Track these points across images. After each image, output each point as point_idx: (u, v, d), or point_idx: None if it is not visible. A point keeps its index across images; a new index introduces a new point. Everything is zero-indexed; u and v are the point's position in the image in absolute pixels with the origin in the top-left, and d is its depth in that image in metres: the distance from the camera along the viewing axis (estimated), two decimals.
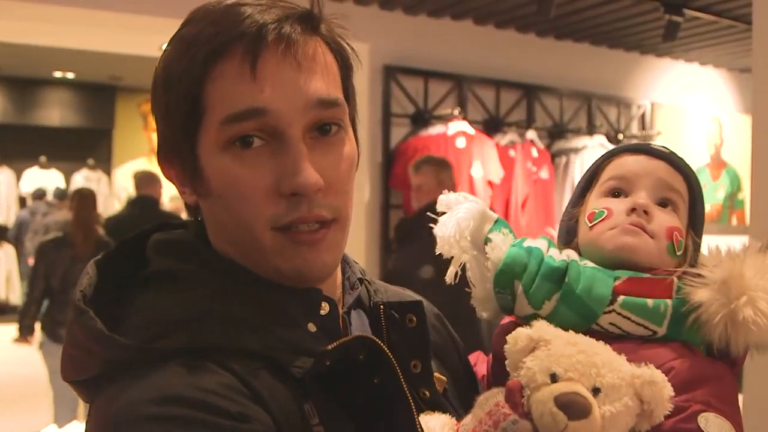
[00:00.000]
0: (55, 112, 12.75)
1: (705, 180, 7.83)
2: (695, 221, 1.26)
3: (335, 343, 0.90)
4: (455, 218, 1.19)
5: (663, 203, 1.23)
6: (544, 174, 6.26)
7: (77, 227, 5.20)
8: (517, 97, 6.57)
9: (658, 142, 4.85)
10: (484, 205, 1.22)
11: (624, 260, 1.17)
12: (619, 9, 5.93)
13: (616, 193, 1.24)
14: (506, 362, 1.05)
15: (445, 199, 1.21)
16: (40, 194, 11.70)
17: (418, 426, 0.95)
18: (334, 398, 0.91)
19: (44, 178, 12.27)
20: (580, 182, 1.33)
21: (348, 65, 1.01)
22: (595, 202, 1.26)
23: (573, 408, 0.92)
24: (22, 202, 12.09)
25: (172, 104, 0.93)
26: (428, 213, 1.23)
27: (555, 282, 1.12)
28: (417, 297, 1.16)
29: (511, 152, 6.11)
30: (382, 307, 1.07)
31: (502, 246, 1.16)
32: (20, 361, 7.68)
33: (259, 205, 0.91)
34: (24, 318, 5.36)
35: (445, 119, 5.89)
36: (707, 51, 7.34)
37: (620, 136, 6.97)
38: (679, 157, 1.27)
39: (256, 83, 0.89)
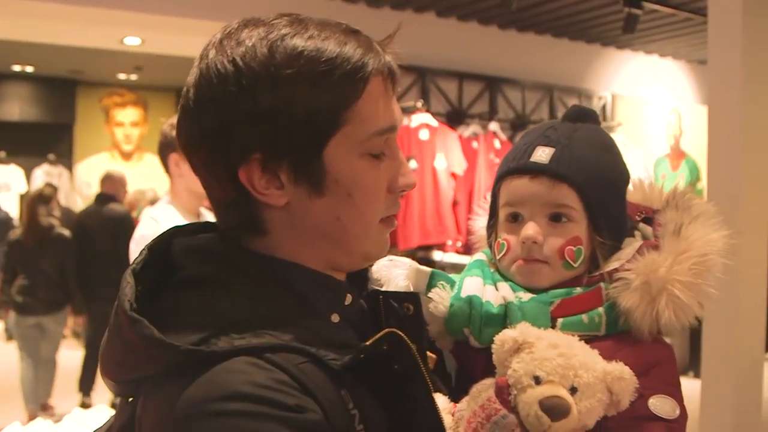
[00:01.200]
0: (15, 107, 12.57)
1: (665, 170, 7.94)
2: (597, 220, 1.27)
3: (373, 339, 1.00)
4: (394, 287, 1.29)
5: (556, 218, 1.27)
6: None
7: (24, 225, 6.49)
8: (479, 89, 6.61)
9: (616, 133, 4.90)
10: (415, 265, 1.33)
11: (536, 289, 1.27)
12: (579, 2, 6.00)
13: (514, 216, 1.30)
14: (493, 358, 1.15)
15: (376, 269, 1.29)
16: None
17: (437, 407, 1.07)
18: (362, 385, 1.00)
19: (4, 173, 12.10)
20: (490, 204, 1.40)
21: None
22: (500, 229, 1.33)
23: (555, 410, 1.06)
24: None
25: (302, 110, 0.99)
26: None
27: (499, 325, 1.22)
28: (427, 270, 1.33)
29: (474, 144, 6.15)
30: (381, 297, 1.17)
31: (443, 301, 1.27)
32: None
33: (381, 202, 1.07)
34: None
35: (408, 111, 5.91)
36: (666, 43, 7.44)
37: None
38: (564, 163, 1.26)
39: (394, 105, 1.07)
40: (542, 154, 1.28)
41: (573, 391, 1.09)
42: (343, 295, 1.09)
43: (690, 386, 6.55)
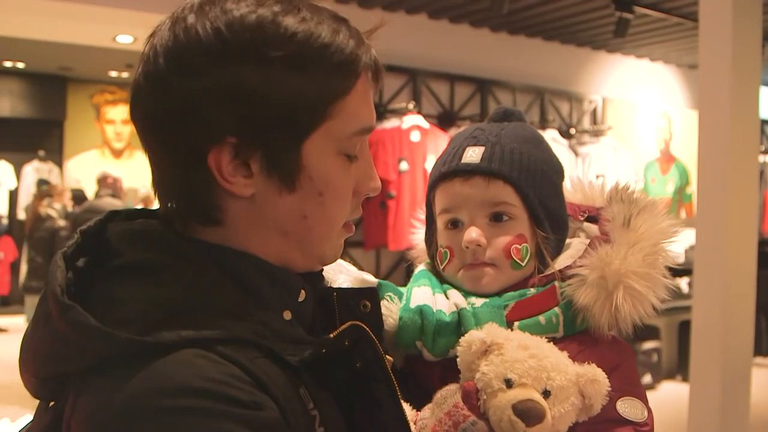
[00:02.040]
0: (5, 103, 12.50)
1: (655, 174, 7.96)
2: (538, 214, 1.24)
3: (335, 332, 0.95)
4: None
5: (497, 217, 1.24)
6: None
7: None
8: (470, 92, 6.62)
9: (606, 137, 4.90)
10: (361, 274, 1.25)
11: (487, 294, 1.23)
12: (571, 5, 6.01)
13: (453, 223, 1.27)
14: (458, 362, 1.11)
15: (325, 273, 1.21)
16: None
17: (402, 409, 1.00)
18: (321, 382, 0.94)
19: None
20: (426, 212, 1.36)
21: None
22: (440, 238, 1.30)
23: (530, 415, 1.02)
24: None
25: (287, 97, 0.92)
26: None
27: (453, 334, 1.18)
28: (373, 281, 1.25)
29: None
30: (335, 294, 1.10)
31: (391, 314, 1.22)
32: None
33: (348, 204, 1.03)
34: None
35: (400, 113, 5.93)
36: (657, 47, 7.47)
37: (572, 131, 7.06)
38: (495, 159, 1.24)
39: (372, 105, 1.03)
40: (473, 154, 1.25)
41: (546, 394, 1.05)
42: (297, 291, 1.01)
43: (678, 390, 6.57)
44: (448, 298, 1.24)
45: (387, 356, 1.09)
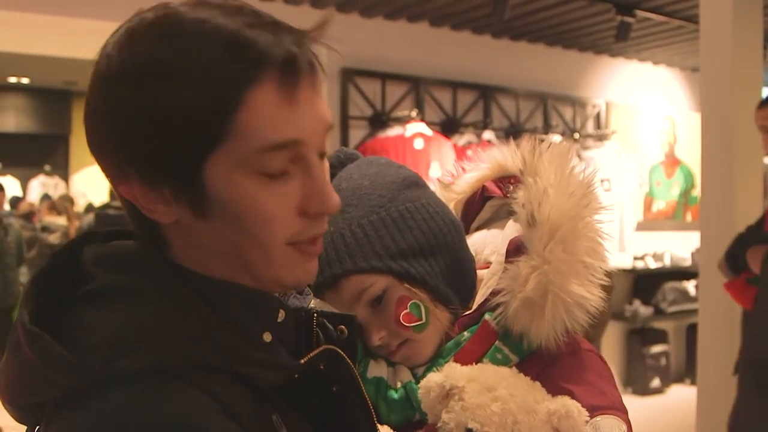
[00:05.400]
0: (11, 118, 12.56)
1: (660, 177, 7.96)
2: (400, 273, 1.16)
3: (308, 356, 0.91)
4: None
5: (377, 301, 1.17)
6: None
7: None
8: (473, 98, 6.62)
9: (610, 141, 4.89)
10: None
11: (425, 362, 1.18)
12: (572, 10, 6.02)
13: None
14: (421, 405, 1.08)
15: None
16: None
17: (378, 430, 0.97)
18: (294, 407, 0.91)
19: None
20: None
21: None
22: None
23: None
24: None
25: (179, 119, 0.83)
26: None
27: (407, 408, 1.14)
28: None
29: (469, 153, 6.14)
30: (315, 315, 1.05)
31: None
32: None
33: (283, 225, 0.89)
34: None
35: (403, 121, 5.93)
36: (659, 51, 7.47)
37: (576, 135, 7.06)
38: (333, 264, 1.17)
39: (296, 114, 0.86)
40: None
41: None
42: (275, 312, 0.95)
43: (687, 393, 6.54)
44: (395, 371, 1.19)
45: None
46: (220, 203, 0.87)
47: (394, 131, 5.88)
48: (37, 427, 0.90)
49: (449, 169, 1.45)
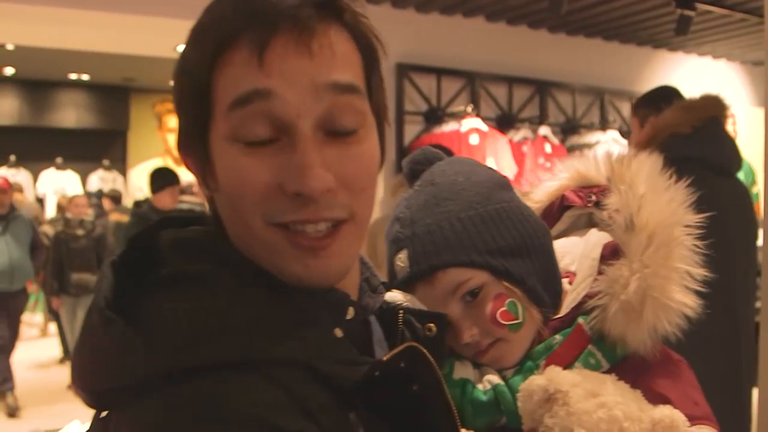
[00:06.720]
0: (71, 114, 12.83)
1: None
2: (497, 268, 1.13)
3: (391, 353, 0.87)
4: None
5: (472, 295, 1.13)
6: None
7: None
8: (529, 94, 6.58)
9: None
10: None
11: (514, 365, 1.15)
12: (630, 4, 5.94)
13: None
14: (519, 408, 1.04)
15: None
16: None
17: None
18: (374, 406, 0.86)
19: (61, 179, 12.34)
20: None
21: (372, 57, 0.93)
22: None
23: None
24: (40, 202, 12.15)
25: (186, 96, 0.88)
26: None
27: (494, 412, 1.11)
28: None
29: (524, 148, 6.12)
30: (401, 312, 1.03)
31: None
32: None
33: (255, 201, 0.85)
34: None
35: (458, 116, 5.92)
36: (720, 45, 7.33)
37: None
38: (421, 259, 1.13)
39: (263, 69, 0.83)
40: (401, 264, 1.15)
41: None
42: (343, 309, 0.92)
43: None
44: (481, 372, 1.16)
45: None
46: (217, 174, 0.88)
47: (449, 126, 5.86)
48: (104, 413, 0.88)
49: (505, 165, 1.42)
